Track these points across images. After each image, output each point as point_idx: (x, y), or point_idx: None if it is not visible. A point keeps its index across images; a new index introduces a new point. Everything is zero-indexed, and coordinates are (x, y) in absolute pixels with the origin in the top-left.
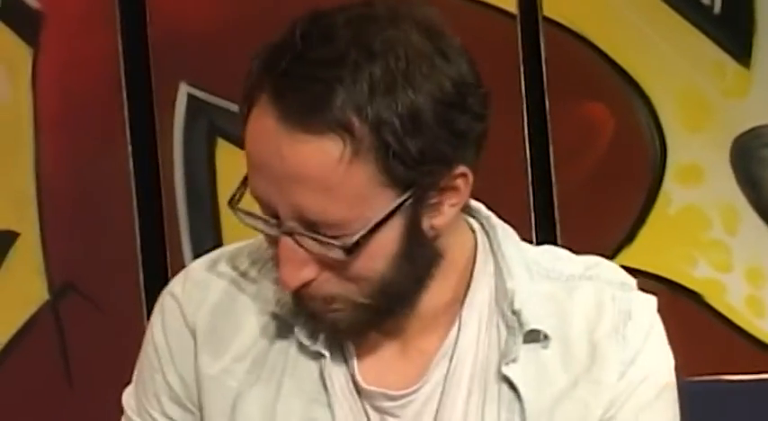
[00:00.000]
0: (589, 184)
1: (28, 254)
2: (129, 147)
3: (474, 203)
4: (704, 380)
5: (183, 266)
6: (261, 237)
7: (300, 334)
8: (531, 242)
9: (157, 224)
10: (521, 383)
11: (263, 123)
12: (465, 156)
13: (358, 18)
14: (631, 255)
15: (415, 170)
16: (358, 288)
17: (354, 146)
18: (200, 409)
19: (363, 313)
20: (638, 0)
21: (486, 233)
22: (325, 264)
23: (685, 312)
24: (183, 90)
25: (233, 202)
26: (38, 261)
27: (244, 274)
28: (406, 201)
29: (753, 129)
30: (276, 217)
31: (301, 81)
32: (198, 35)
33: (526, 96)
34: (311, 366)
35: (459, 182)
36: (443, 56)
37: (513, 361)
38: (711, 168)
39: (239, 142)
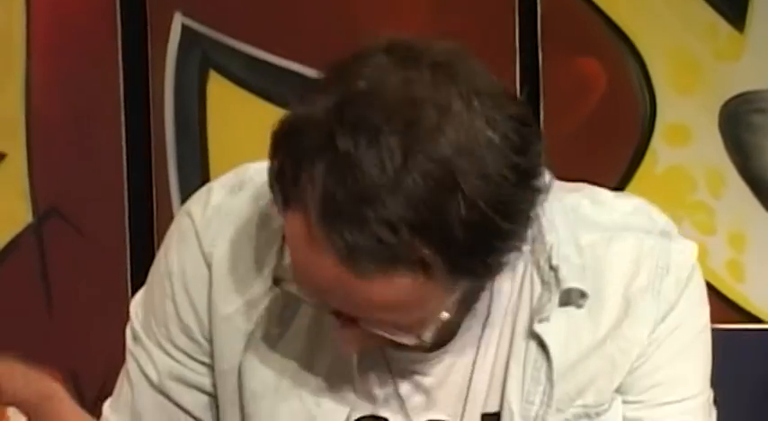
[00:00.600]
0: (577, 140)
1: (14, 176)
2: (121, 76)
3: None
4: None
5: (168, 196)
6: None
7: None
8: None
9: (145, 153)
10: (552, 342)
11: (317, 256)
12: (523, 236)
13: (406, 124)
14: None
15: (483, 277)
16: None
17: (427, 273)
18: (211, 344)
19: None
20: None
21: None
22: (364, 337)
23: None
24: (178, 20)
25: (277, 281)
26: (23, 183)
27: (267, 210)
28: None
29: (743, 94)
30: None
31: (357, 215)
32: None
33: (519, 49)
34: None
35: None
36: (499, 136)
37: (546, 319)
38: (699, 130)
39: (232, 76)
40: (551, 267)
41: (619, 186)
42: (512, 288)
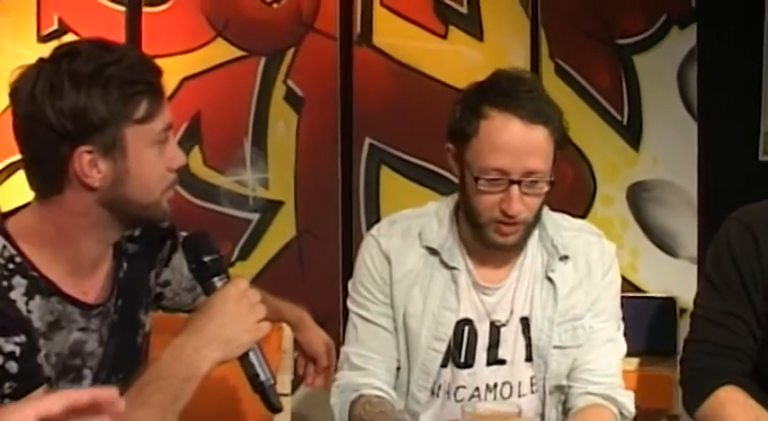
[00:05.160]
0: (558, 202)
1: (287, 213)
2: (339, 170)
3: None
4: None
5: (360, 233)
6: (407, 218)
7: (445, 256)
8: None
9: (349, 210)
10: (557, 281)
11: (513, 124)
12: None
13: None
14: None
15: (557, 153)
16: (532, 215)
17: (553, 134)
18: (391, 299)
19: (522, 235)
20: (584, 115)
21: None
22: (529, 202)
23: None
24: (367, 141)
25: (477, 182)
26: (292, 217)
27: (408, 228)
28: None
29: (638, 182)
30: (503, 178)
31: (530, 104)
32: (374, 111)
33: None
34: (446, 274)
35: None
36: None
37: (553, 271)
38: (616, 200)
39: (396, 168)
40: (553, 245)
41: None
42: (532, 256)
